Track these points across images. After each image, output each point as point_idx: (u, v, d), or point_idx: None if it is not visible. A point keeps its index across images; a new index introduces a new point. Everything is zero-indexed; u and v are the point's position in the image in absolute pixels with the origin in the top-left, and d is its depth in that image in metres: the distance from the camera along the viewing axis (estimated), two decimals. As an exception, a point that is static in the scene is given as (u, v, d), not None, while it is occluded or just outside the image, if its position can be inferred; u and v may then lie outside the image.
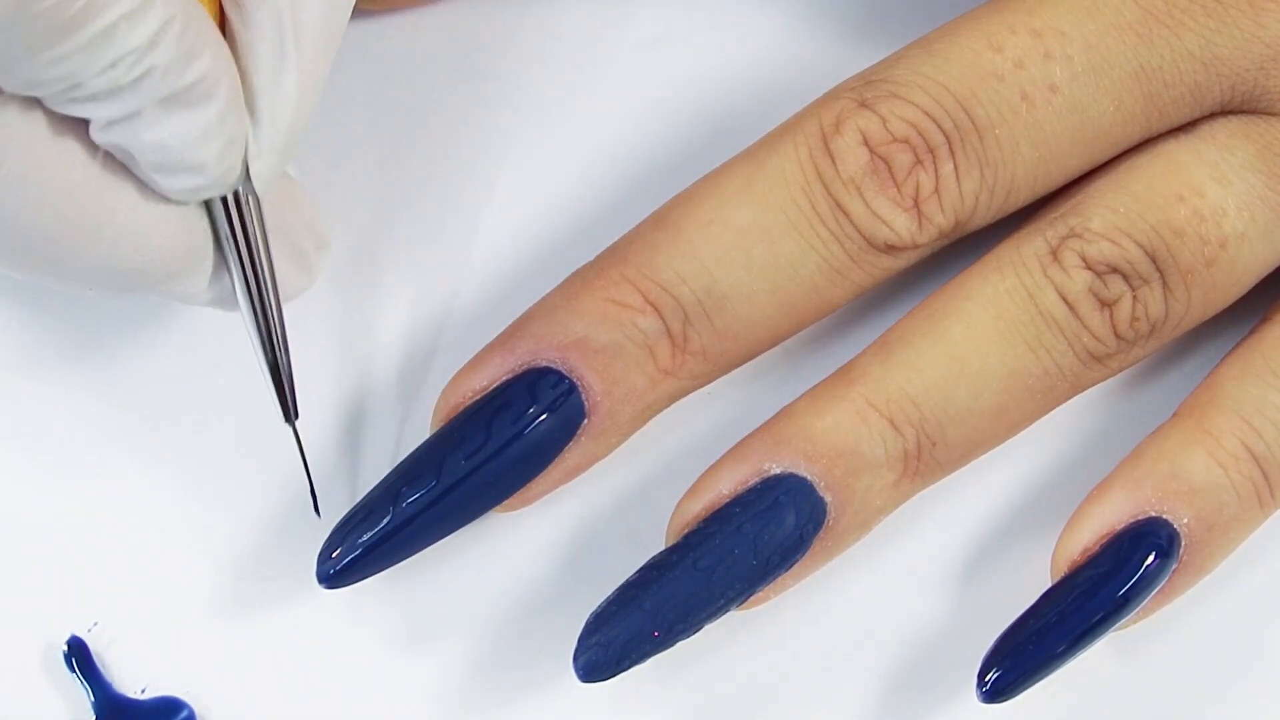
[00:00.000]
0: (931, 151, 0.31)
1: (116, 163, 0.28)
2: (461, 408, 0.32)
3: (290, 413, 0.32)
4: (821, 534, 0.32)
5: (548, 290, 0.33)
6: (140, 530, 0.34)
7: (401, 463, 0.32)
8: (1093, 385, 0.33)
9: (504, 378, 0.32)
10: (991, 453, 0.33)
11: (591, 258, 0.33)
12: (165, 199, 0.28)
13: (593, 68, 0.36)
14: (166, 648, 0.34)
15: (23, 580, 0.34)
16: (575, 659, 0.31)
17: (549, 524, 0.35)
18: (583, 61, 0.36)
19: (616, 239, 0.33)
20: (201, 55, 0.27)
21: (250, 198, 0.29)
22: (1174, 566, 0.32)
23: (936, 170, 0.31)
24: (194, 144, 0.27)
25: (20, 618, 0.34)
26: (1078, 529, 0.32)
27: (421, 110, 0.36)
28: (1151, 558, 0.31)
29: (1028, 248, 0.32)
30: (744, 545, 0.31)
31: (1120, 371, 0.33)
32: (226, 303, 0.31)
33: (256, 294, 0.30)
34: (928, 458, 0.32)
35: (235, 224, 0.29)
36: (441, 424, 0.32)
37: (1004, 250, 0.32)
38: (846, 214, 0.31)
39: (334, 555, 0.31)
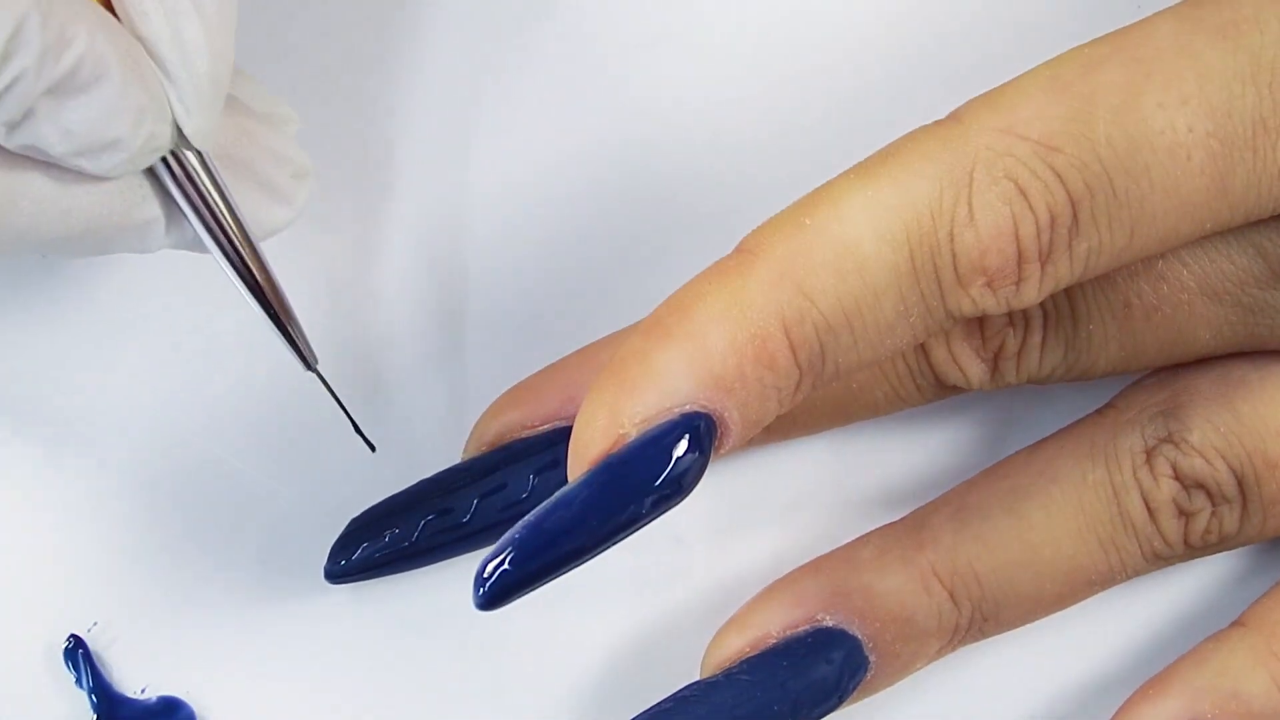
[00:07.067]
0: None
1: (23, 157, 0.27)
2: (504, 440, 0.32)
3: (307, 359, 0.31)
4: (857, 690, 0.31)
5: (550, 277, 0.33)
6: (140, 530, 0.34)
7: (434, 482, 0.32)
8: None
9: (557, 424, 0.32)
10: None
11: (587, 257, 0.32)
12: (94, 177, 0.28)
13: (593, 67, 0.36)
14: (166, 648, 0.34)
15: (23, 580, 0.34)
16: None
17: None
18: (584, 61, 0.36)
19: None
20: (75, 39, 0.26)
21: (191, 154, 0.28)
22: None
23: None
24: (100, 125, 0.27)
25: (20, 618, 0.34)
26: None
27: (421, 110, 0.36)
28: None
29: (1124, 441, 0.32)
30: (784, 701, 0.31)
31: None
32: (193, 246, 0.30)
33: (229, 246, 0.29)
34: (975, 630, 0.32)
35: (182, 183, 0.28)
36: (480, 450, 0.32)
37: (1098, 435, 0.32)
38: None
39: (345, 560, 0.32)
